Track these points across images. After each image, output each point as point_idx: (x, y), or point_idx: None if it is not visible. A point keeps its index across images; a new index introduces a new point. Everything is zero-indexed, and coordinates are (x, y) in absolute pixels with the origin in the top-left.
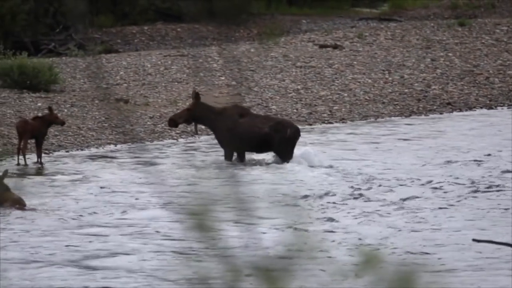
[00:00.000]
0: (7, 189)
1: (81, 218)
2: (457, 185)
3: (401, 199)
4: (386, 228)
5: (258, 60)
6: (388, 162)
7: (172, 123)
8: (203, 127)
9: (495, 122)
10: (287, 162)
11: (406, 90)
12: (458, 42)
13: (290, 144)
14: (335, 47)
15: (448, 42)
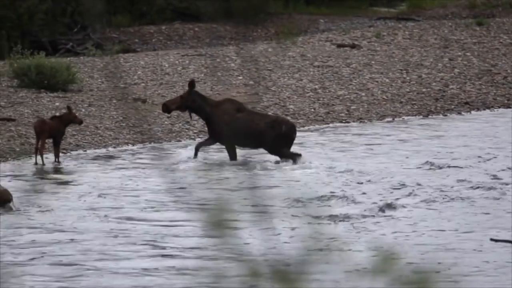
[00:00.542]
0: None
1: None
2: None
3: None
4: (404, 228)
5: (275, 59)
6: (405, 162)
7: (165, 109)
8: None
9: None
10: (285, 154)
11: (424, 90)
12: (476, 42)
13: (284, 140)
14: (353, 46)
15: (466, 42)
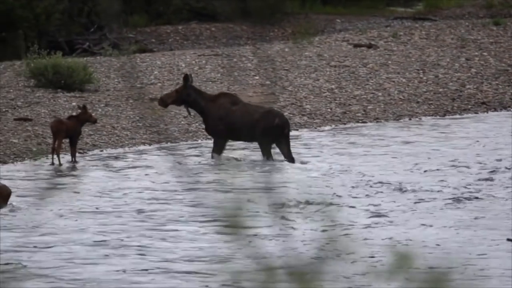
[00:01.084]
0: None
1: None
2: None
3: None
4: (420, 227)
5: (292, 59)
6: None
7: (161, 102)
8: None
9: None
10: (266, 151)
11: (441, 90)
12: (493, 41)
13: (275, 134)
14: (370, 46)
15: (483, 41)
